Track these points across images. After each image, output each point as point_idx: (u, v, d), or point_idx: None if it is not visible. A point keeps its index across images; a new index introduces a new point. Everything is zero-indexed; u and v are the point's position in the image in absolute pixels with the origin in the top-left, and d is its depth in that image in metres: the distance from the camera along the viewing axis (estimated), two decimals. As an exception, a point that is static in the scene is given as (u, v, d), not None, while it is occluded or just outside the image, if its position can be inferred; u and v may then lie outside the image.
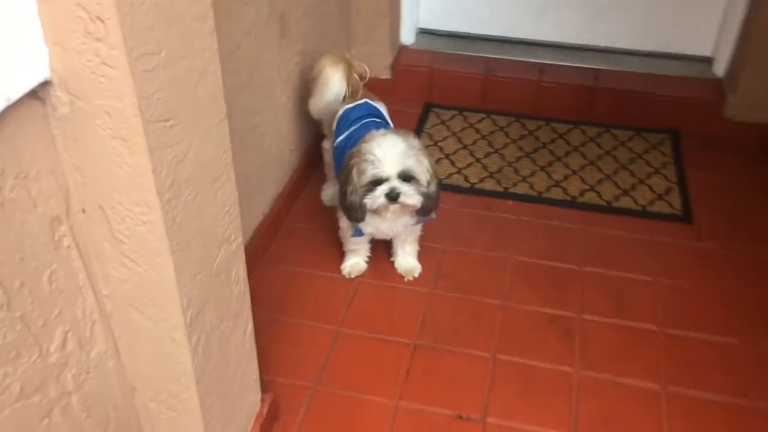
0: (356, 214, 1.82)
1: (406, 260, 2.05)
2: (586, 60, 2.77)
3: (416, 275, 2.04)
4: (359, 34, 2.69)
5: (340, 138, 1.98)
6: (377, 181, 1.74)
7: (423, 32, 2.93)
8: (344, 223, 1.96)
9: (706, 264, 2.09)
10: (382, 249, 2.10)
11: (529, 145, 2.57)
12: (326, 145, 2.18)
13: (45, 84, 0.91)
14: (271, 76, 2.05)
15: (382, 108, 2.08)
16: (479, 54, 2.81)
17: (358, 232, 1.92)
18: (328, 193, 2.29)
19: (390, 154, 1.72)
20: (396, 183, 1.74)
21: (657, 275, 2.05)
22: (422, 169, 1.76)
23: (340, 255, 2.09)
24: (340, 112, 2.03)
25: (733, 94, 2.55)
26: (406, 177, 1.74)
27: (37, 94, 0.91)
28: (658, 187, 2.38)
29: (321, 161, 2.28)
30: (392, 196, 1.74)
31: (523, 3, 2.79)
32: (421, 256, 2.07)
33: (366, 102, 2.04)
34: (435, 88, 2.78)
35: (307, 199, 2.32)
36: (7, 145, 0.88)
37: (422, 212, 1.85)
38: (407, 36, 2.86)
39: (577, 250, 2.14)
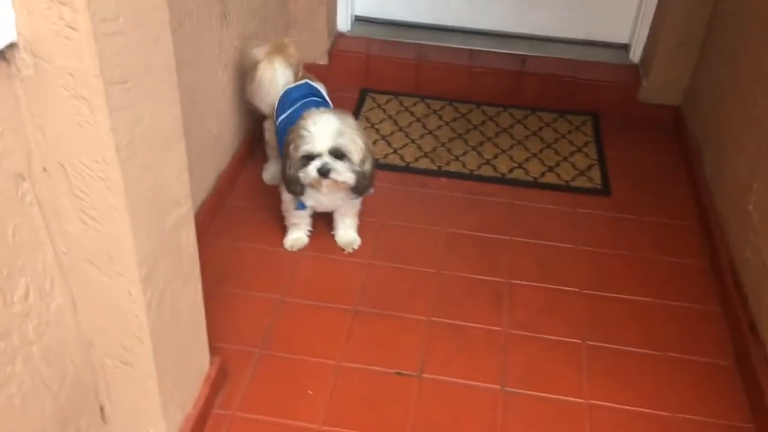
0: (295, 187, 1.92)
1: (347, 233, 2.15)
2: (514, 47, 2.93)
3: (356, 247, 2.15)
4: (298, 21, 2.77)
5: (282, 116, 2.07)
6: (310, 157, 1.83)
7: (359, 20, 3.03)
8: (286, 197, 2.05)
9: (623, 232, 2.27)
10: (323, 224, 2.20)
11: (461, 127, 2.71)
12: (267, 125, 2.26)
13: (11, 46, 0.97)
14: (212, 58, 2.12)
15: (322, 88, 2.17)
16: (413, 41, 2.93)
17: (301, 205, 2.01)
18: (270, 172, 2.37)
19: (323, 131, 1.81)
20: (327, 159, 1.83)
21: (578, 243, 2.21)
22: (356, 147, 1.85)
23: (283, 231, 2.17)
24: (281, 93, 2.11)
25: (647, 79, 2.74)
26: (338, 154, 1.83)
27: (4, 55, 0.98)
28: (580, 164, 2.55)
29: (262, 141, 2.36)
30: (323, 172, 1.83)
31: (454, -8, 2.93)
32: (361, 230, 2.18)
33: (306, 82, 2.14)
34: (371, 73, 2.88)
35: (249, 178, 2.40)
36: (-24, 101, 0.95)
37: (357, 190, 1.94)
38: (344, 23, 2.96)
39: (506, 222, 2.29)
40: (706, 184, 2.35)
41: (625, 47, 2.92)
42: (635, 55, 2.87)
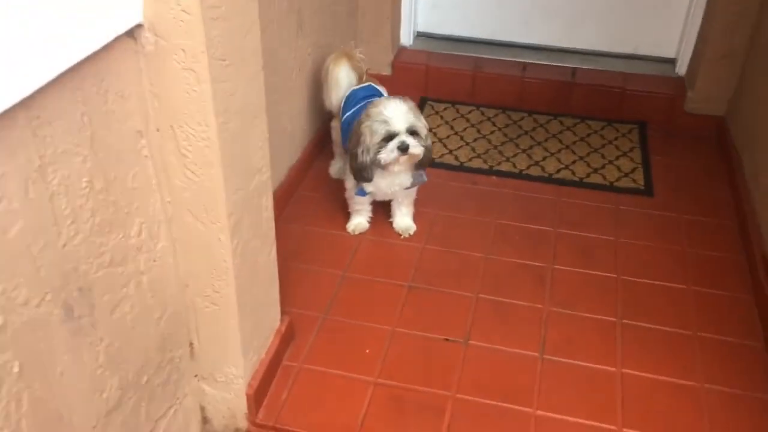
0: (367, 173, 2.14)
1: (403, 220, 2.38)
2: (564, 60, 3.12)
3: (411, 233, 2.37)
4: (364, 34, 3.04)
5: (347, 114, 2.32)
6: (389, 137, 2.07)
7: (420, 35, 3.29)
8: (350, 184, 2.29)
9: (662, 227, 2.42)
10: (382, 212, 2.43)
11: (512, 132, 2.91)
12: (334, 124, 2.52)
13: (138, 27, 1.24)
14: (287, 62, 2.39)
15: (384, 91, 2.42)
16: (470, 54, 3.16)
17: (361, 192, 2.25)
18: (335, 167, 2.62)
19: (398, 113, 2.07)
20: (404, 137, 2.07)
21: (619, 235, 2.38)
22: (422, 124, 2.12)
23: (346, 217, 2.41)
24: (348, 93, 2.37)
25: (692, 90, 2.89)
26: (412, 131, 2.09)
27: (132, 34, 1.25)
28: (625, 166, 2.72)
29: (330, 139, 2.62)
30: (403, 148, 2.07)
31: (510, 11, 3.15)
32: (416, 218, 2.40)
33: (370, 84, 2.39)
34: (430, 83, 3.12)
35: (317, 171, 2.66)
36: (113, 69, 1.21)
37: (422, 163, 2.18)
38: (406, 38, 3.22)
39: (552, 216, 2.47)
40: (745, 186, 2.48)
41: (671, 61, 3.08)
42: (681, 68, 3.03)
